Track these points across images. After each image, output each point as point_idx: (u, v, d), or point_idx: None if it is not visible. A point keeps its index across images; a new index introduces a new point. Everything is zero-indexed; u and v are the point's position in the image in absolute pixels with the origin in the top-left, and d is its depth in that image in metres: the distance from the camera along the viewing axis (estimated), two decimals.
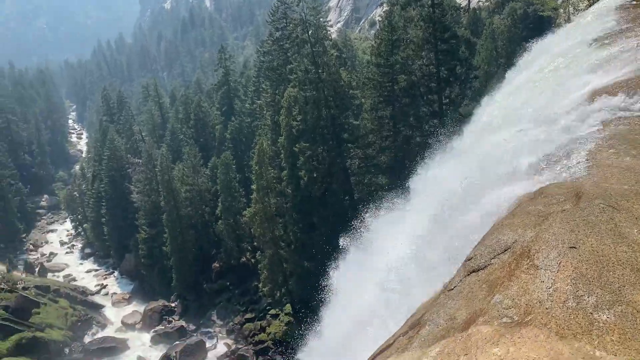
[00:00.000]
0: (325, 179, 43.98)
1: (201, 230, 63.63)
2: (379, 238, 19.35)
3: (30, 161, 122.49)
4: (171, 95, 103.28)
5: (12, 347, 50.43)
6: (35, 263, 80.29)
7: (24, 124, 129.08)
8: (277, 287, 49.05)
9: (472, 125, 18.17)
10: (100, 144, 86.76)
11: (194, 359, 50.62)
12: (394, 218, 19.60)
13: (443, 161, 16.98)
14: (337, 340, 17.23)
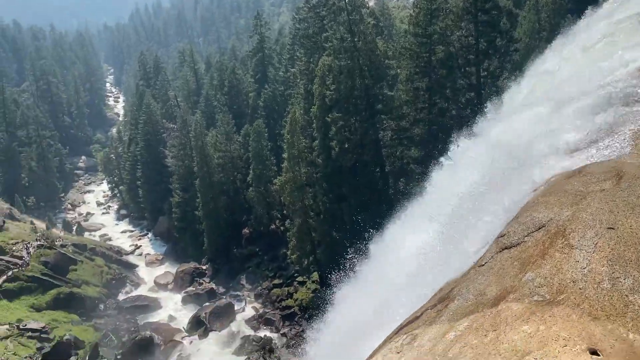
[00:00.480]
0: (356, 150, 43.74)
1: (233, 196, 64.52)
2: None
3: (69, 123, 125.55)
4: (206, 61, 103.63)
5: (50, 301, 52.80)
6: (73, 222, 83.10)
7: (64, 86, 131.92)
8: (305, 256, 49.64)
9: (511, 99, 17.67)
10: (136, 108, 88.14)
11: (223, 321, 51.98)
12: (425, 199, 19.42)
13: (482, 133, 16.59)
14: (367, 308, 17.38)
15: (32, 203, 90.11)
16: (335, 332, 23.88)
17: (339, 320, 24.50)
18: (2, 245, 55.23)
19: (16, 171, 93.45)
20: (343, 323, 22.22)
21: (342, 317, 23.88)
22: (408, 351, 6.45)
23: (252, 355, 44.81)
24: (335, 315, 26.92)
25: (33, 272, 54.10)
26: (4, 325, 46.62)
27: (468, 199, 12.38)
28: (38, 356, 43.17)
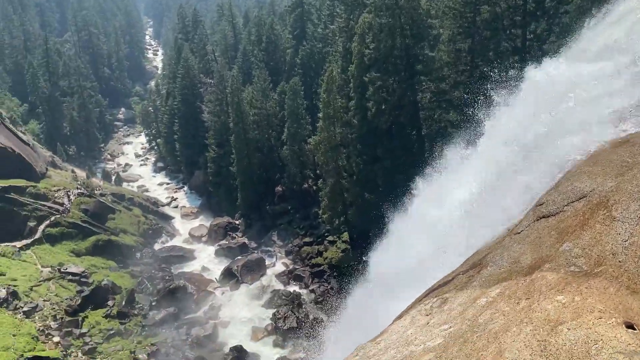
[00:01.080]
0: (393, 112, 43.10)
1: (267, 153, 64.94)
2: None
3: (109, 74, 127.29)
4: (245, 16, 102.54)
5: (90, 247, 55.00)
6: (112, 172, 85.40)
7: (104, 37, 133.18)
8: (337, 216, 49.94)
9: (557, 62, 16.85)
10: (174, 61, 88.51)
11: (254, 274, 53.29)
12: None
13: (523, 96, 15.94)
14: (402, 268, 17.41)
15: (73, 152, 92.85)
16: (366, 292, 24.17)
17: (371, 279, 24.74)
18: (45, 191, 57.37)
19: (58, 120, 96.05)
20: (374, 283, 22.42)
21: (373, 278, 24.08)
22: (437, 314, 6.44)
23: (281, 309, 45.96)
24: (366, 275, 27.18)
25: (73, 218, 56.23)
26: (47, 268, 48.96)
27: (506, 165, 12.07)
28: (78, 298, 45.32)
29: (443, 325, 6.05)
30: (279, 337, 43.48)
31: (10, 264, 47.50)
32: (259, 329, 45.18)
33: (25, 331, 39.51)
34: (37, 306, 43.24)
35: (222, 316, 47.83)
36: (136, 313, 46.24)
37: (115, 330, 43.23)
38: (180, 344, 42.94)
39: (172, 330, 44.60)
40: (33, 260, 49.59)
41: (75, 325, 42.52)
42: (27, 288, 44.84)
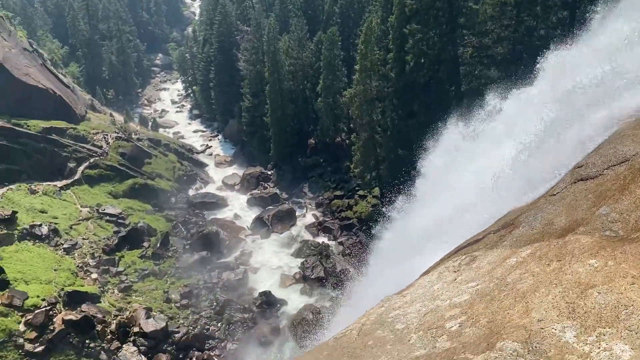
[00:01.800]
0: (432, 66, 41.99)
1: (301, 105, 64.62)
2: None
3: (147, 19, 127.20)
4: None
5: (127, 190, 56.63)
6: (149, 118, 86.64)
7: None
8: (368, 170, 49.84)
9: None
10: (212, 7, 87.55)
11: (284, 224, 54.21)
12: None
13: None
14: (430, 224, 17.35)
15: (112, 96, 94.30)
16: (393, 247, 24.27)
17: (398, 235, 24.78)
18: (84, 134, 58.84)
19: (98, 64, 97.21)
20: (402, 239, 22.46)
21: (400, 233, 24.11)
22: (465, 271, 6.43)
23: (309, 259, 46.88)
24: (395, 231, 27.23)
25: (111, 161, 57.74)
26: (86, 208, 50.81)
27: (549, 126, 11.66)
28: (115, 238, 47.10)
29: (470, 283, 6.04)
30: (306, 286, 44.55)
31: (52, 202, 49.46)
32: (287, 277, 46.33)
33: (65, 267, 41.51)
34: (77, 244, 45.16)
35: (252, 262, 49.13)
36: (170, 255, 47.86)
37: (150, 271, 44.95)
38: (212, 286, 44.47)
39: (203, 273, 46.11)
40: (73, 199, 51.46)
41: (112, 263, 44.38)
42: (67, 226, 46.77)
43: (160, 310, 39.69)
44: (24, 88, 55.75)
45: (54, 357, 33.33)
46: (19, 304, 34.90)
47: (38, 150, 53.29)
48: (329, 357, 5.50)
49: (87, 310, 36.67)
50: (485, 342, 4.61)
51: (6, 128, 51.99)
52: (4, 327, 32.97)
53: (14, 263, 39.26)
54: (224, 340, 39.08)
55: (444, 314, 5.55)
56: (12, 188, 49.29)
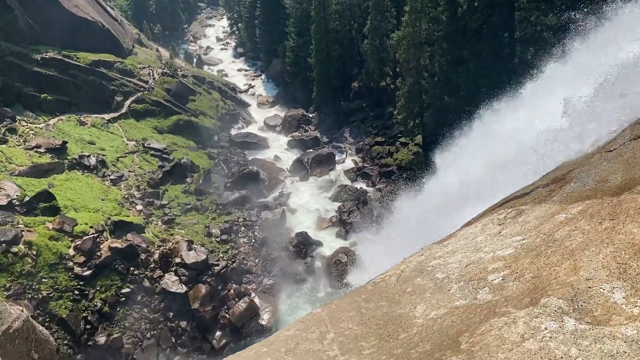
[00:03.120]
0: (486, 10, 40.02)
1: (346, 46, 63.18)
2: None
3: None
4: None
5: (171, 126, 57.64)
6: (194, 54, 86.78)
7: None
8: (412, 117, 48.90)
9: None
10: None
11: (323, 168, 54.41)
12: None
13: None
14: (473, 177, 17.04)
15: (158, 31, 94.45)
16: (433, 196, 24.06)
17: (439, 184, 24.51)
18: (131, 68, 59.55)
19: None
20: (444, 188, 22.20)
21: (442, 183, 23.82)
22: (511, 225, 6.27)
23: (347, 203, 47.18)
24: (436, 180, 26.94)
25: (157, 97, 58.55)
26: (132, 142, 52.15)
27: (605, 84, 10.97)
28: (159, 172, 48.41)
29: (516, 237, 5.89)
30: (342, 229, 45.08)
31: (100, 134, 50.94)
32: (324, 220, 46.91)
33: (112, 197, 43.16)
34: (123, 176, 46.69)
35: (290, 204, 49.85)
36: (211, 192, 48.98)
37: (192, 205, 46.27)
38: (250, 224, 45.54)
39: (243, 211, 47.16)
40: (119, 133, 52.82)
41: (156, 196, 45.84)
42: (114, 158, 48.27)
43: (201, 244, 41.10)
44: (73, 19, 56.37)
45: (100, 281, 35.26)
46: (68, 229, 36.74)
47: (87, 82, 54.41)
48: (367, 300, 5.54)
49: (132, 239, 38.30)
50: (529, 297, 4.52)
51: (57, 59, 53.08)
52: (56, 250, 34.91)
53: (64, 191, 41.08)
54: (261, 275, 40.37)
55: (486, 266, 5.45)
56: (63, 118, 50.87)
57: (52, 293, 32.73)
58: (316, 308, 6.05)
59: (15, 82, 49.62)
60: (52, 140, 45.84)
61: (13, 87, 49.42)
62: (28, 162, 42.65)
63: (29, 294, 31.89)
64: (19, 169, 41.19)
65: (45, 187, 39.57)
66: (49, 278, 33.35)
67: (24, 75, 50.37)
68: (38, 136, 46.32)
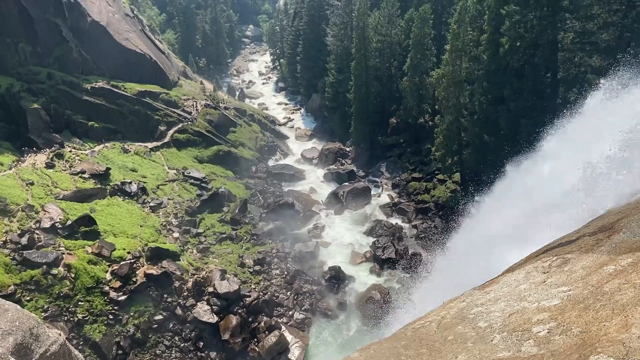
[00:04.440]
0: (528, 50, 39.80)
1: (385, 83, 63.70)
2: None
3: None
4: None
5: (211, 156, 58.85)
6: (236, 87, 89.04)
7: None
8: (450, 154, 48.50)
9: None
10: None
11: (358, 202, 54.21)
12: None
13: None
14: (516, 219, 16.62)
15: (203, 65, 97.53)
16: (472, 237, 23.54)
17: (478, 226, 23.99)
18: (176, 99, 61.43)
19: (192, 32, 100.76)
20: (484, 228, 21.70)
21: (481, 224, 23.32)
22: (556, 274, 6.05)
23: (381, 239, 46.66)
24: (475, 221, 26.40)
25: (199, 127, 60.03)
26: (172, 170, 53.36)
27: None
28: (197, 201, 49.20)
29: (562, 287, 5.67)
30: (376, 265, 44.50)
31: (142, 162, 52.36)
32: (358, 254, 46.46)
33: (150, 223, 44.00)
34: (162, 203, 47.65)
35: (324, 236, 49.68)
36: (247, 222, 49.36)
37: (227, 235, 46.65)
38: (284, 255, 45.49)
39: (277, 242, 47.22)
40: (161, 161, 54.18)
41: (193, 224, 46.47)
42: (154, 186, 49.42)
43: (234, 274, 41.21)
44: (123, 52, 58.86)
45: (134, 307, 35.65)
46: (107, 254, 37.51)
47: (133, 111, 56.33)
48: (406, 347, 5.39)
49: (167, 266, 38.76)
50: (577, 353, 4.31)
51: (105, 89, 55.30)
52: (93, 274, 35.61)
53: (104, 216, 42.17)
54: (292, 309, 40.02)
55: (531, 317, 5.25)
56: (108, 146, 52.63)
57: (88, 316, 33.27)
58: (348, 348, 5.89)
59: (65, 110, 51.82)
60: (96, 166, 47.38)
61: (63, 114, 51.60)
62: (72, 186, 44.11)
63: (65, 316, 32.48)
64: (63, 193, 42.60)
65: (87, 212, 40.73)
66: (85, 301, 33.95)
67: (74, 103, 52.60)
68: (83, 162, 47.97)
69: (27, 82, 50.29)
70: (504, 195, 22.54)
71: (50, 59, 53.01)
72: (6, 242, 34.91)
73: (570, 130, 20.26)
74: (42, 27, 52.39)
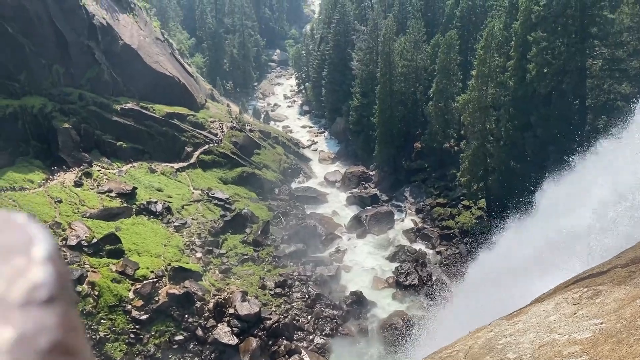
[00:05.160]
0: (556, 77, 39.51)
1: (410, 107, 63.71)
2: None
3: (269, 15, 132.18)
4: None
5: (235, 177, 59.36)
6: (262, 110, 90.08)
7: None
8: (476, 180, 48.01)
9: None
10: (331, 6, 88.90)
11: (381, 226, 53.82)
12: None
13: None
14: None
15: (230, 87, 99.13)
16: (496, 264, 23.09)
17: (503, 253, 23.56)
18: (202, 121, 62.41)
19: (220, 56, 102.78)
20: (510, 256, 21.28)
21: (506, 252, 22.88)
22: (587, 306, 5.86)
23: (404, 265, 46.12)
24: (500, 248, 25.94)
25: (224, 149, 60.75)
26: (197, 190, 53.95)
27: None
28: (220, 222, 49.53)
29: (593, 319, 5.49)
30: (398, 292, 43.93)
31: (168, 182, 53.11)
32: (380, 280, 45.97)
33: (174, 243, 44.40)
34: (186, 223, 48.10)
35: (346, 260, 49.35)
36: (269, 243, 49.41)
37: (249, 256, 46.75)
38: (305, 279, 45.28)
39: (298, 265, 47.08)
40: (186, 181, 54.88)
41: (216, 245, 46.73)
42: (179, 206, 49.97)
43: (255, 296, 41.15)
44: (153, 74, 60.26)
45: (155, 326, 35.82)
46: (130, 273, 37.91)
47: (160, 132, 57.38)
48: None
49: (189, 286, 38.94)
50: None
51: (135, 110, 56.53)
52: (116, 293, 35.97)
53: (129, 235, 42.73)
54: (312, 333, 39.67)
55: (561, 350, 5.08)
56: (135, 165, 53.58)
57: (109, 335, 33.51)
58: None
59: (95, 130, 53.07)
60: (123, 185, 48.20)
61: (93, 134, 52.84)
62: (99, 205, 44.90)
63: (87, 334, 32.77)
64: (90, 211, 43.37)
65: (112, 230, 41.35)
66: (108, 319, 34.24)
67: (104, 123, 53.86)
68: (111, 181, 48.86)
69: (60, 102, 51.74)
70: (530, 222, 22.13)
71: (82, 80, 54.54)
72: None
73: (601, 153, 19.93)
74: (76, 50, 54.07)
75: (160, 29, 71.55)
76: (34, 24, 50.57)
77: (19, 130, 48.34)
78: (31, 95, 50.40)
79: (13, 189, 42.36)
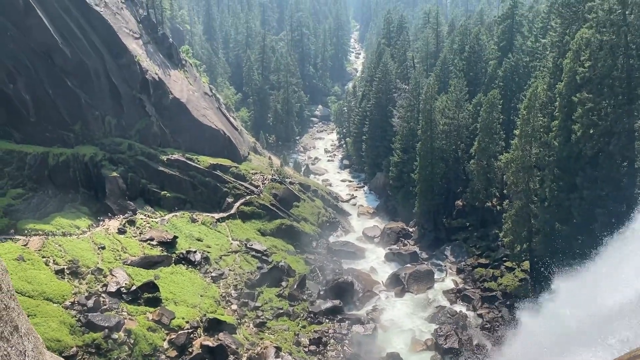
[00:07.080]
0: (602, 138, 38.59)
1: (451, 165, 63.27)
2: None
3: (313, 73, 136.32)
4: (450, 24, 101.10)
5: (274, 229, 59.62)
6: (302, 163, 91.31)
7: (314, 38, 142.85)
8: (519, 241, 46.55)
9: None
10: (374, 65, 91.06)
11: (421, 285, 52.46)
12: None
13: None
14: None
15: (272, 141, 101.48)
16: (544, 331, 21.99)
17: (548, 322, 22.45)
18: (244, 173, 63.61)
19: (264, 111, 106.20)
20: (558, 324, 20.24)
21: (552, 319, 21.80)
22: None
23: (444, 327, 44.49)
24: (545, 314, 24.77)
25: (264, 201, 61.43)
26: (236, 241, 54.33)
27: None
28: (257, 274, 49.43)
29: None
30: (437, 354, 42.21)
31: (208, 232, 53.77)
32: (418, 342, 44.37)
33: (210, 294, 44.41)
34: (223, 274, 48.22)
35: (384, 320, 48.01)
36: (305, 298, 48.79)
37: (284, 311, 46.17)
38: (341, 337, 44.19)
39: (334, 322, 46.11)
40: (226, 232, 55.43)
41: (252, 298, 46.47)
42: (217, 256, 50.31)
43: (289, 352, 40.30)
44: (199, 127, 62.38)
45: None
46: (166, 322, 37.94)
47: (203, 183, 58.69)
48: None
49: (223, 339, 38.57)
50: None
51: (180, 161, 58.26)
52: (152, 342, 35.93)
53: (167, 284, 43.08)
54: None
55: None
56: (177, 215, 54.66)
57: None
58: None
59: (141, 179, 54.79)
60: (164, 234, 49.07)
61: (139, 183, 54.54)
62: (140, 252, 45.71)
63: None
64: (131, 259, 44.15)
65: (151, 278, 41.81)
66: None
67: (150, 173, 55.62)
68: (153, 229, 49.86)
69: (110, 152, 53.96)
70: (578, 289, 21.13)
71: (132, 131, 56.94)
72: (74, 304, 36.18)
73: None
74: (128, 103, 56.80)
75: (208, 84, 74.54)
76: (90, 78, 53.67)
77: (70, 178, 50.45)
78: (84, 144, 52.83)
79: (61, 234, 43.72)
